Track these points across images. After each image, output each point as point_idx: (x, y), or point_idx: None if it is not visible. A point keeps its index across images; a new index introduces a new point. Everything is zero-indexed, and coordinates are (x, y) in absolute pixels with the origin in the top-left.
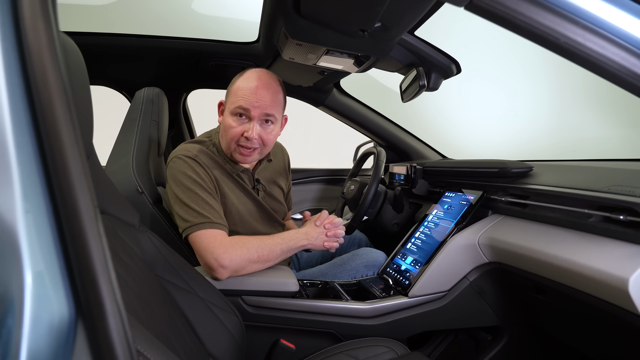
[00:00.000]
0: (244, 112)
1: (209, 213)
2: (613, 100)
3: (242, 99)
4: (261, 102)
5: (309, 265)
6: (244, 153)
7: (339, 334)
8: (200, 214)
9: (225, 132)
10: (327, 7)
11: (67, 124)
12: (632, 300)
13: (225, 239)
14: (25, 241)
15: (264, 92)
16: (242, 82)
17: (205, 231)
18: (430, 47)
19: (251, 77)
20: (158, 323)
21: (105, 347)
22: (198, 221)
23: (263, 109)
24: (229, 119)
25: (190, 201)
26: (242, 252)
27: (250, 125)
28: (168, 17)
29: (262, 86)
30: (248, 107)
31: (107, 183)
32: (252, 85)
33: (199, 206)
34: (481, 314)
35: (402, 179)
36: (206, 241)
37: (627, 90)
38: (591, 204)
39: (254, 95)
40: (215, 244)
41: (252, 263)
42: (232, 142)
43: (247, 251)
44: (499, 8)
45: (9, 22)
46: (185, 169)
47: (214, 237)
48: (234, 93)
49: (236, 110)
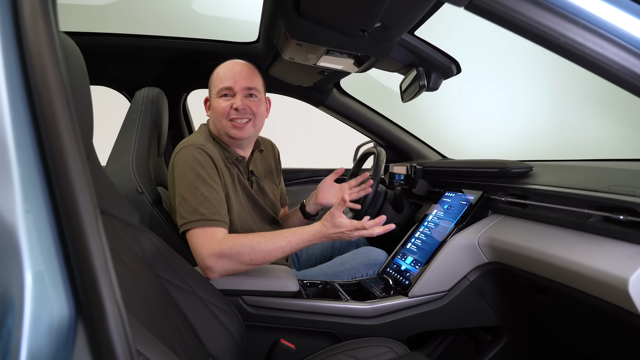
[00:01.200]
0: (228, 90)
1: (206, 209)
2: (613, 100)
3: (224, 79)
4: (240, 76)
5: (308, 265)
6: (238, 125)
7: (339, 334)
8: (196, 210)
9: (215, 113)
10: (327, 7)
11: (67, 124)
12: (632, 300)
13: (216, 238)
14: (25, 241)
15: (240, 68)
16: (220, 68)
17: (199, 229)
18: (430, 47)
19: (227, 63)
20: (158, 323)
21: (105, 347)
22: (193, 218)
23: (244, 83)
24: (216, 102)
25: (189, 195)
26: (232, 256)
27: (236, 98)
28: (168, 17)
29: (238, 65)
30: (230, 84)
31: (107, 183)
32: (230, 66)
33: (196, 201)
34: (481, 314)
35: (402, 179)
36: (197, 241)
37: (627, 90)
38: (591, 204)
39: (231, 73)
40: (205, 243)
41: (243, 265)
42: (223, 119)
43: (238, 255)
44: (499, 8)
45: (9, 22)
46: (190, 160)
47: (204, 237)
48: (214, 80)
49: (221, 92)
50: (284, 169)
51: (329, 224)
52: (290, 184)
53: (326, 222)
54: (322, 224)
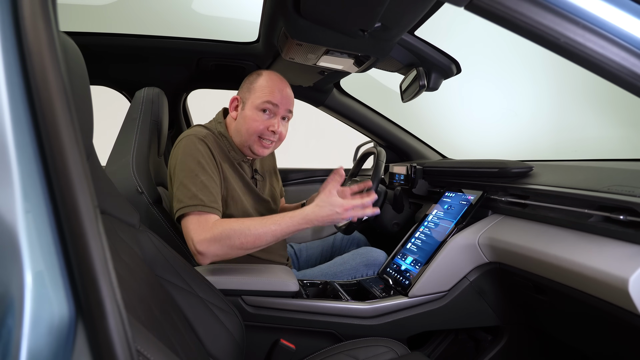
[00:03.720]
0: (272, 107)
1: (204, 196)
2: (613, 100)
3: (271, 95)
4: (287, 99)
5: (308, 265)
6: (265, 145)
7: (339, 334)
8: (195, 196)
9: (247, 124)
10: (327, 7)
11: (67, 124)
12: (632, 300)
13: (208, 224)
14: (25, 241)
15: (288, 90)
16: (266, 81)
17: (195, 215)
18: (430, 47)
19: (274, 77)
20: (158, 323)
21: (105, 347)
22: (191, 203)
23: (287, 106)
24: (253, 114)
25: (188, 182)
26: (222, 239)
27: (275, 120)
28: (168, 17)
29: (286, 85)
30: (277, 102)
31: (107, 183)
32: (278, 84)
33: (195, 188)
34: (481, 314)
35: (402, 179)
36: (191, 225)
37: (627, 90)
38: (591, 204)
39: (281, 93)
40: (198, 229)
41: (234, 249)
42: (254, 134)
43: (229, 239)
44: (499, 8)
45: (9, 22)
46: (191, 149)
47: (198, 222)
48: (259, 90)
49: (263, 106)
50: (284, 168)
51: (322, 202)
52: (290, 184)
53: (319, 201)
54: (315, 204)
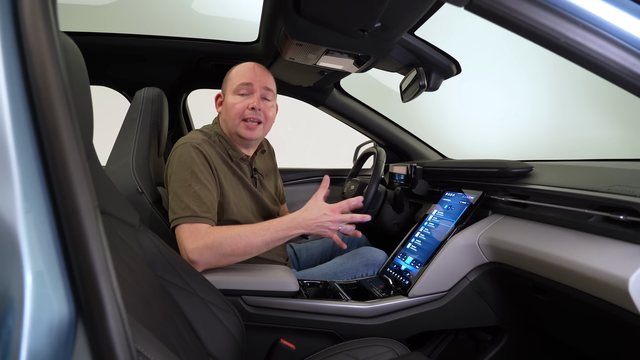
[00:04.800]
0: (246, 87)
1: (197, 206)
2: (613, 100)
3: (243, 76)
4: (260, 76)
5: (308, 265)
6: (250, 127)
7: (339, 334)
8: (187, 206)
9: (229, 111)
10: (327, 7)
11: (67, 124)
12: (632, 300)
13: (200, 233)
14: (26, 241)
15: (260, 69)
16: (239, 67)
17: (187, 225)
18: (430, 47)
19: (246, 63)
20: (158, 323)
21: (105, 347)
22: (184, 214)
23: (263, 83)
24: (231, 99)
25: (182, 192)
26: (214, 247)
27: (253, 99)
28: (168, 17)
29: (257, 66)
30: (249, 80)
31: (107, 183)
32: (250, 66)
33: (188, 198)
34: (481, 314)
35: (402, 179)
36: (183, 235)
37: (627, 90)
38: (591, 204)
39: (252, 72)
40: (190, 238)
41: (226, 257)
42: (237, 118)
43: (220, 247)
44: (499, 8)
45: (9, 22)
46: (185, 158)
47: (190, 231)
48: (233, 77)
49: (239, 88)
50: (284, 168)
51: (309, 206)
52: (290, 184)
53: (307, 206)
54: (303, 209)
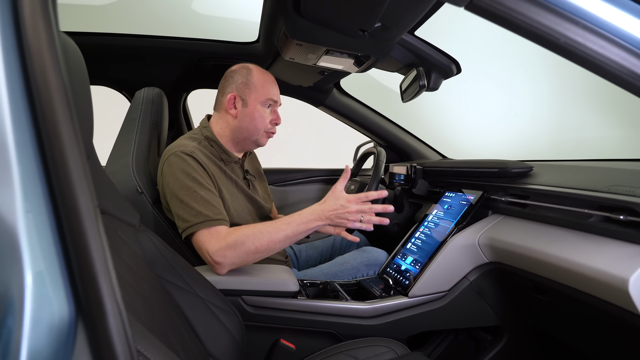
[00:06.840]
0: (274, 103)
1: (208, 210)
2: (613, 100)
3: (271, 90)
4: (278, 92)
5: (308, 265)
6: (270, 136)
7: (339, 334)
8: (199, 212)
9: (254, 122)
10: (327, 7)
11: (67, 124)
12: (632, 300)
13: (221, 234)
14: (26, 241)
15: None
16: (261, 76)
17: (204, 230)
18: (430, 47)
19: (264, 72)
20: (158, 323)
21: (106, 347)
22: (197, 220)
23: (280, 100)
24: (260, 110)
25: (189, 199)
26: (237, 246)
27: (277, 114)
28: (168, 17)
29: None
30: (276, 98)
31: (107, 183)
32: (271, 79)
33: (198, 204)
34: (481, 314)
35: (402, 179)
36: (203, 239)
37: (627, 90)
38: (591, 204)
39: (277, 88)
40: (211, 241)
41: (250, 254)
42: (261, 129)
43: (243, 245)
44: (499, 8)
45: (9, 22)
46: (183, 165)
47: (210, 235)
48: (259, 86)
49: (268, 102)
50: (284, 169)
51: (328, 198)
52: (289, 184)
53: (325, 198)
54: (322, 201)
